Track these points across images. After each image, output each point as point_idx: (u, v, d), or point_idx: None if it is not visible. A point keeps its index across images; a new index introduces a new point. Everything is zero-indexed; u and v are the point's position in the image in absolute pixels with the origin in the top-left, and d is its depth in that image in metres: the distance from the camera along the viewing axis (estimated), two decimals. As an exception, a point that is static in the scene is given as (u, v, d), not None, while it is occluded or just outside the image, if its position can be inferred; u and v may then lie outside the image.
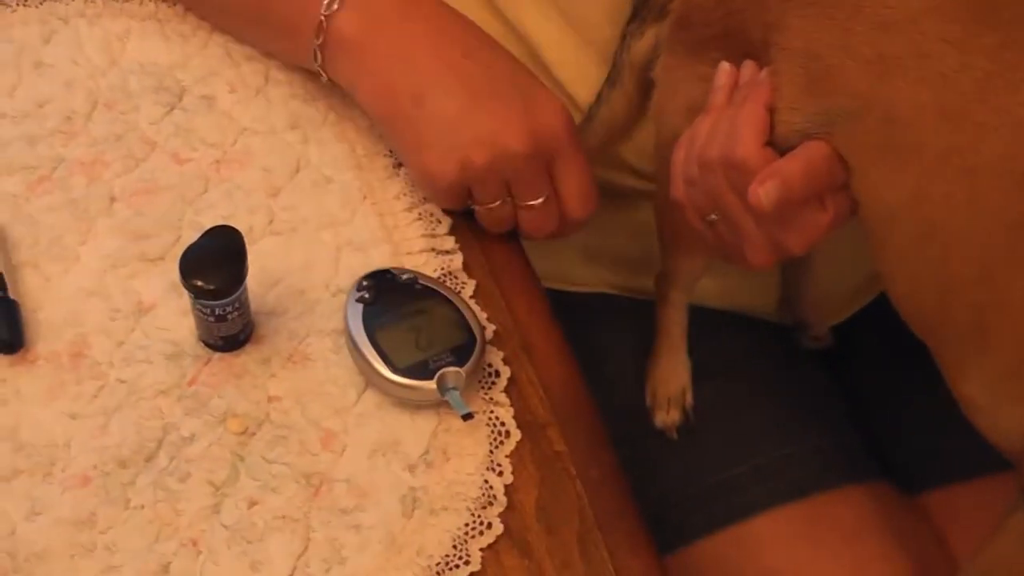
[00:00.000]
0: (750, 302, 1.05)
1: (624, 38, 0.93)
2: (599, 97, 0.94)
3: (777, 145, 0.84)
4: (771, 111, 0.83)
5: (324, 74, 0.91)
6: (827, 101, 0.81)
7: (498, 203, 0.87)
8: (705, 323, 1.01)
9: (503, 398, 0.82)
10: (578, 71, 0.97)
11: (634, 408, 1.01)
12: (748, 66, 0.86)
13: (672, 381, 1.02)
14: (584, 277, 1.05)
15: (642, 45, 0.91)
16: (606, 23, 0.94)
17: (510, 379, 0.83)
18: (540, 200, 0.87)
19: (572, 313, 1.02)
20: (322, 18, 0.88)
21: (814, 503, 0.98)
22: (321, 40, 0.89)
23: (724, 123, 0.84)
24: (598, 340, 1.04)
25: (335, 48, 0.89)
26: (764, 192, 0.79)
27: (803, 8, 0.82)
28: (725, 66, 0.86)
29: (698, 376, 1.01)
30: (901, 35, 0.79)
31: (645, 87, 0.93)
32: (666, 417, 1.01)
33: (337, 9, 0.88)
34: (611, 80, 0.93)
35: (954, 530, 1.02)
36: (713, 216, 0.86)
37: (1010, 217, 0.77)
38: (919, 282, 0.82)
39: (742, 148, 0.82)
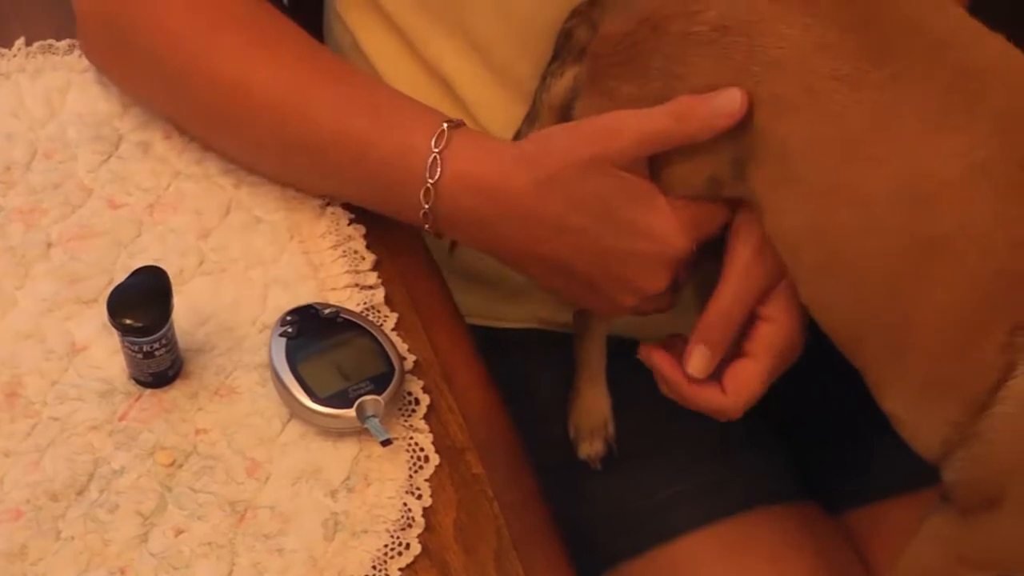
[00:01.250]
0: (669, 331, 1.08)
1: (544, 78, 0.96)
2: (518, 134, 0.97)
3: (690, 185, 0.87)
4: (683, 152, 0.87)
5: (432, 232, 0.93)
6: (732, 138, 0.85)
7: None
8: (626, 352, 1.04)
9: (422, 425, 0.85)
10: (496, 110, 1.00)
11: (564, 437, 1.04)
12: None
13: (594, 413, 1.04)
14: (513, 313, 1.08)
15: (561, 85, 0.94)
16: (522, 62, 0.97)
17: (430, 406, 0.86)
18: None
19: (503, 348, 1.06)
20: (425, 209, 0.89)
21: (738, 524, 1.01)
22: (430, 205, 0.90)
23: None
24: (529, 373, 1.07)
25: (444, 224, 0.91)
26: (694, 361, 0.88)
27: (702, 47, 0.85)
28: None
29: (621, 405, 1.04)
30: (793, 74, 0.83)
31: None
32: (589, 449, 1.04)
33: (435, 201, 0.89)
34: (530, 118, 0.97)
35: (878, 549, 1.05)
36: None
37: (907, 241, 0.80)
38: (834, 307, 0.86)
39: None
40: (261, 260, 0.94)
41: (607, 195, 0.86)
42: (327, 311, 0.88)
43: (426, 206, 0.89)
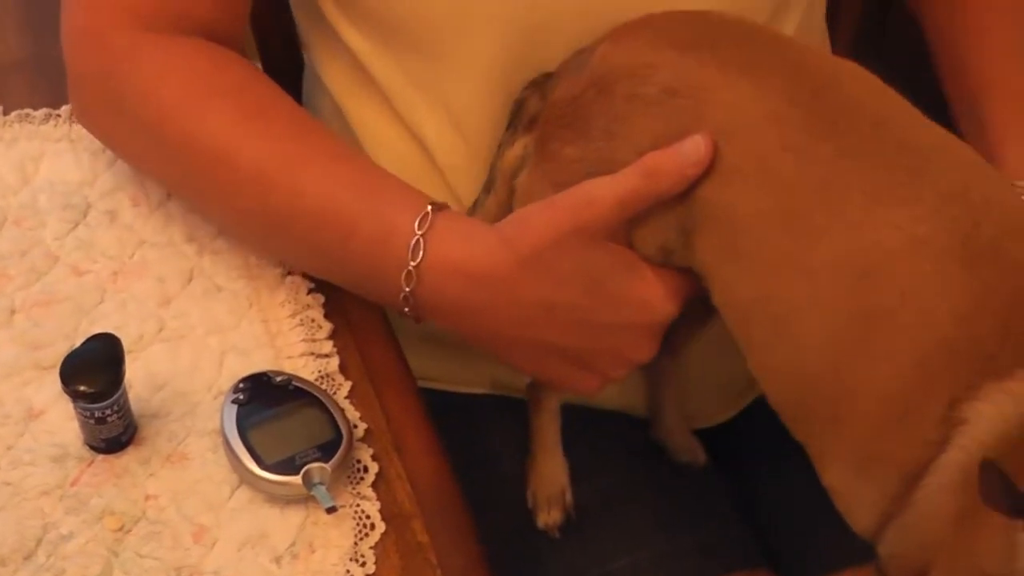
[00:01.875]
0: (622, 401, 1.09)
1: (500, 146, 0.98)
2: (475, 202, 0.99)
3: (640, 254, 0.88)
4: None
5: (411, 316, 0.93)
6: (677, 205, 0.86)
7: None
8: (581, 421, 1.04)
9: (370, 492, 0.86)
10: (469, 177, 1.02)
11: (520, 502, 1.05)
12: None
13: (551, 483, 1.05)
14: (469, 377, 1.09)
15: (512, 153, 0.96)
16: (495, 133, 0.98)
17: (378, 474, 0.87)
18: None
19: (460, 412, 1.07)
20: (405, 293, 0.90)
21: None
22: (411, 288, 0.90)
23: None
24: (486, 438, 1.08)
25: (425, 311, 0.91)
26: None
27: (648, 108, 0.86)
28: None
29: (578, 474, 1.04)
30: (741, 142, 0.84)
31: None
32: (547, 517, 1.04)
33: (416, 285, 0.89)
34: (487, 186, 0.98)
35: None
36: None
37: (850, 312, 0.81)
38: (779, 377, 0.86)
39: None
40: (220, 327, 0.95)
41: (593, 268, 0.87)
42: (279, 379, 0.89)
43: (407, 289, 0.89)
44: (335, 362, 0.93)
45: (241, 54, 0.98)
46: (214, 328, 0.95)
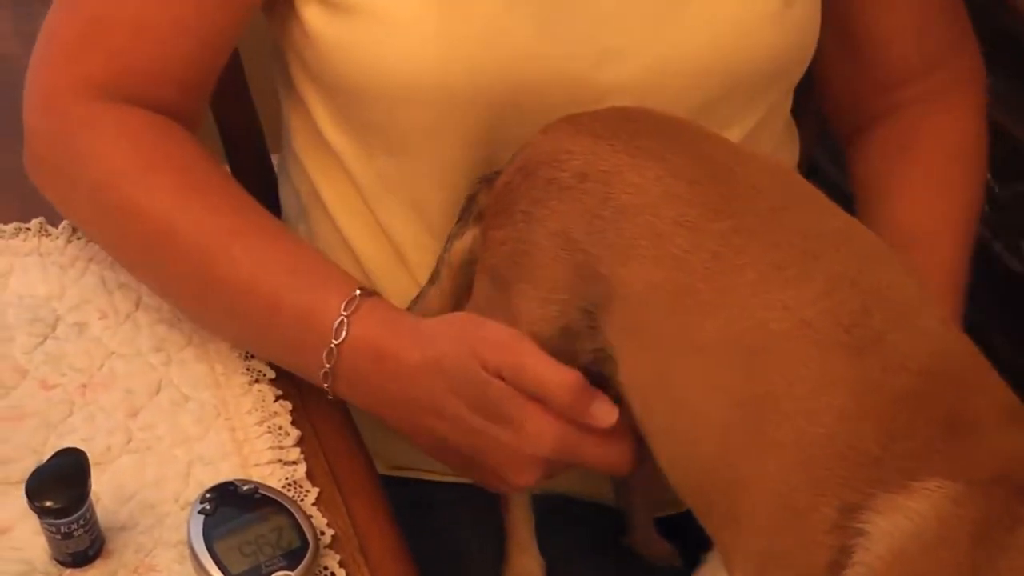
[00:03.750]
0: (585, 488, 1.10)
1: (448, 239, 0.99)
2: (420, 292, 1.00)
3: (544, 336, 0.88)
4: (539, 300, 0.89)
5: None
6: (585, 285, 0.86)
7: None
8: (550, 511, 1.05)
9: (337, 599, 0.87)
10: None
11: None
12: None
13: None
14: (439, 465, 1.09)
15: (460, 245, 0.98)
16: None
17: (345, 581, 0.88)
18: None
19: (430, 506, 1.07)
20: (326, 370, 0.93)
21: None
22: (332, 365, 0.94)
23: None
24: (459, 530, 1.08)
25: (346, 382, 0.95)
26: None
27: (562, 191, 0.88)
28: None
29: (554, 563, 1.04)
30: (640, 219, 0.84)
31: (460, 287, 0.99)
32: None
33: (336, 362, 0.93)
34: (432, 277, 1.00)
35: None
36: None
37: (740, 395, 0.79)
38: (680, 465, 0.84)
39: None
40: (187, 437, 0.96)
41: (484, 390, 0.88)
42: (246, 488, 0.89)
43: (327, 366, 0.93)
44: (302, 469, 0.94)
45: (195, 134, 1.02)
46: (181, 439, 0.96)
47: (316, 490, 0.93)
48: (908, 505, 0.73)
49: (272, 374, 1.00)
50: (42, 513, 0.85)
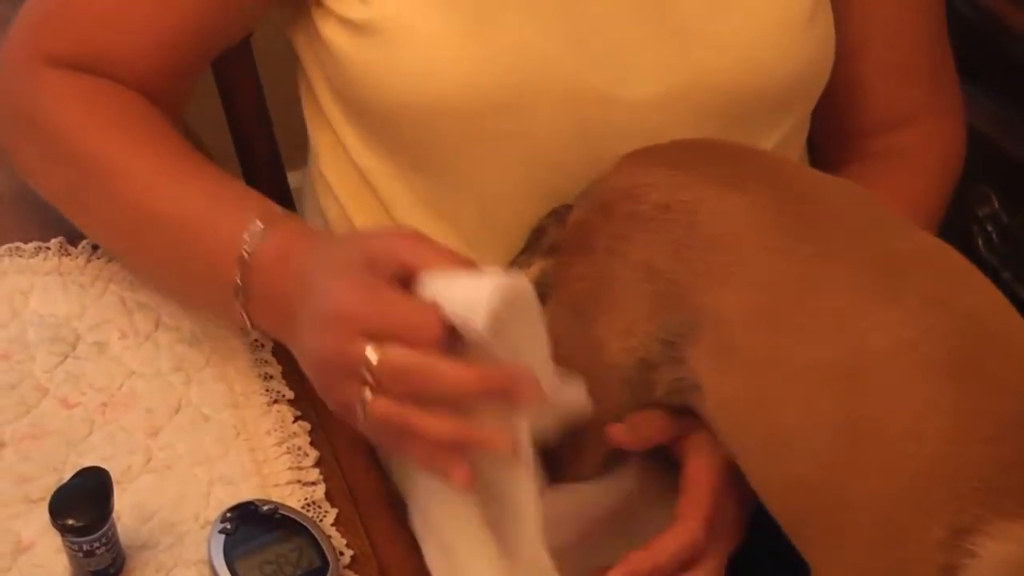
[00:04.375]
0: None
1: (511, 265, 1.00)
2: None
3: (623, 366, 0.89)
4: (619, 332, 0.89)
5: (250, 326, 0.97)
6: (670, 314, 0.87)
7: None
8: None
9: (357, 619, 0.87)
10: None
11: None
12: None
13: None
14: None
15: (528, 275, 0.98)
16: (494, 248, 1.02)
17: (365, 601, 0.88)
18: None
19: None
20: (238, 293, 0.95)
21: None
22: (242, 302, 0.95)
23: None
24: None
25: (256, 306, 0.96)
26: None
27: (645, 223, 0.89)
28: None
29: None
30: (728, 246, 0.86)
31: None
32: None
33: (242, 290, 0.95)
34: None
35: None
36: None
37: (840, 417, 0.80)
38: (776, 486, 0.85)
39: None
40: (207, 457, 0.96)
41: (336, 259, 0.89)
42: (266, 508, 0.90)
43: (238, 280, 0.93)
44: (321, 490, 0.94)
45: (173, 117, 1.05)
46: (201, 458, 0.96)
47: (335, 511, 0.93)
48: (1020, 534, 0.74)
49: (291, 395, 1.01)
50: (65, 531, 0.86)
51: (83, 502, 0.86)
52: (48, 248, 1.11)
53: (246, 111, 1.26)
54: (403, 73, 0.98)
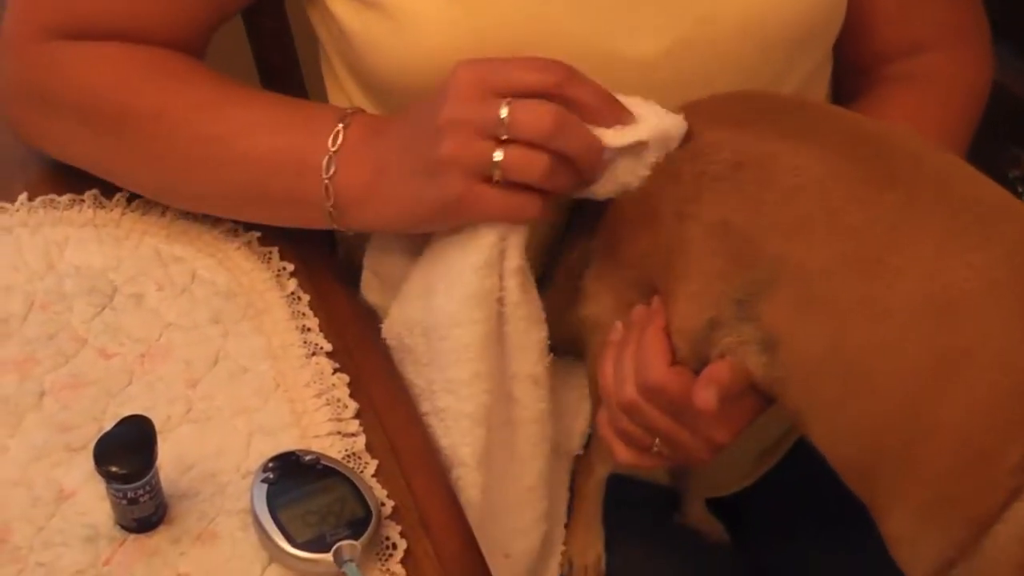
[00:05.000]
0: (643, 472, 1.11)
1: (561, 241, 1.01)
2: None
3: (691, 328, 0.90)
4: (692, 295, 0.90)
5: (345, 230, 0.99)
6: (745, 272, 0.87)
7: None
8: (609, 489, 1.06)
9: (400, 569, 0.87)
10: None
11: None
12: (637, 309, 0.93)
13: (588, 550, 1.06)
14: None
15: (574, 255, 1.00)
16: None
17: (407, 551, 0.88)
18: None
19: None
20: (326, 181, 0.96)
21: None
22: (332, 202, 0.96)
23: (629, 361, 0.91)
24: None
25: (348, 204, 0.96)
26: (707, 396, 0.88)
27: (716, 182, 0.89)
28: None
29: (610, 538, 1.06)
30: (809, 198, 0.86)
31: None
32: None
33: (335, 172, 0.95)
34: (543, 284, 1.00)
35: None
36: (656, 447, 0.93)
37: (929, 354, 0.81)
38: (850, 428, 0.85)
39: (655, 374, 0.89)
40: (246, 408, 0.96)
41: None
42: (308, 458, 0.90)
43: (332, 149, 0.95)
44: (361, 441, 0.94)
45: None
46: (240, 409, 0.96)
47: (375, 462, 0.93)
48: None
49: (329, 347, 1.01)
50: (109, 478, 0.86)
51: (128, 449, 0.87)
52: (83, 200, 1.11)
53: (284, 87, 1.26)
54: (408, 46, 0.98)
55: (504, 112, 0.88)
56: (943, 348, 0.80)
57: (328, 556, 0.85)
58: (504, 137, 0.88)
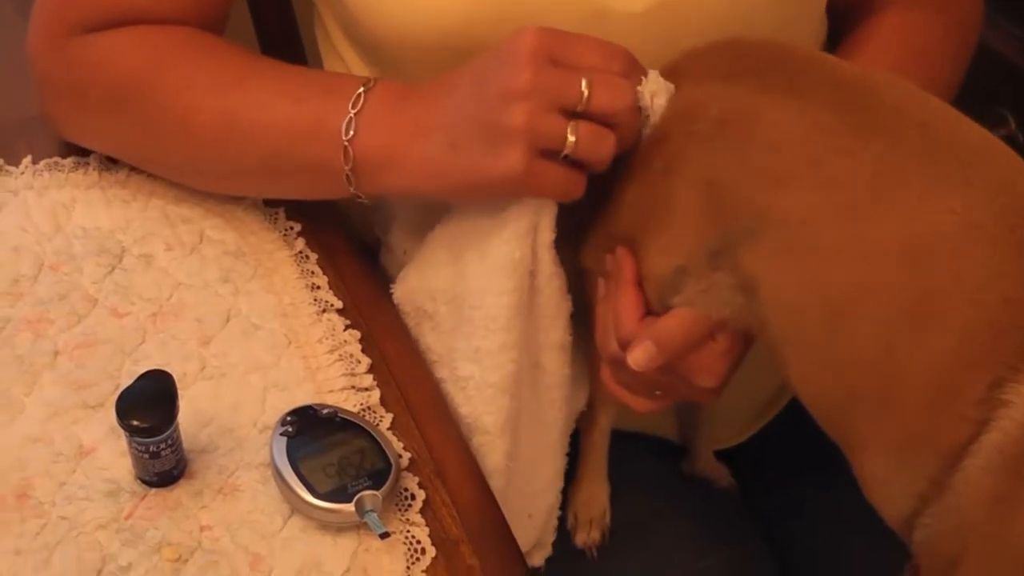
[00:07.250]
0: (651, 423, 1.13)
1: None
2: None
3: (659, 274, 0.92)
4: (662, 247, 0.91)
5: (362, 196, 0.98)
6: (728, 223, 0.89)
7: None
8: (616, 444, 1.08)
9: (418, 519, 0.89)
10: None
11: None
12: (608, 258, 0.95)
13: (593, 504, 1.08)
14: None
15: None
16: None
17: (425, 501, 0.90)
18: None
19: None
20: (345, 144, 0.95)
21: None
22: (351, 166, 0.95)
23: (611, 316, 0.93)
24: None
25: (367, 168, 0.96)
26: (637, 355, 0.89)
27: (702, 141, 0.90)
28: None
29: (613, 495, 1.07)
30: (792, 151, 0.87)
31: None
32: (587, 537, 1.07)
33: (354, 135, 0.95)
34: None
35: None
36: (657, 392, 0.95)
37: (906, 293, 0.83)
38: (828, 369, 0.87)
39: (624, 330, 0.91)
40: (260, 365, 0.98)
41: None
42: (325, 411, 0.91)
43: (352, 113, 0.94)
44: (376, 395, 0.96)
45: None
46: (255, 366, 0.98)
47: (390, 415, 0.95)
48: None
49: (339, 304, 1.02)
50: (131, 432, 0.87)
51: (149, 404, 0.88)
52: (87, 163, 1.12)
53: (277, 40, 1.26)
54: (403, 4, 0.98)
55: (584, 87, 0.87)
56: (920, 289, 0.82)
57: (350, 506, 0.86)
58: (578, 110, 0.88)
